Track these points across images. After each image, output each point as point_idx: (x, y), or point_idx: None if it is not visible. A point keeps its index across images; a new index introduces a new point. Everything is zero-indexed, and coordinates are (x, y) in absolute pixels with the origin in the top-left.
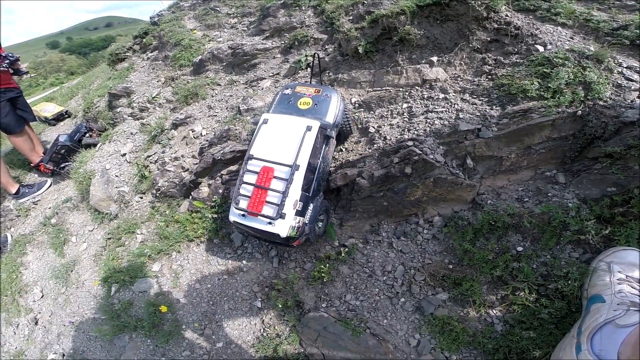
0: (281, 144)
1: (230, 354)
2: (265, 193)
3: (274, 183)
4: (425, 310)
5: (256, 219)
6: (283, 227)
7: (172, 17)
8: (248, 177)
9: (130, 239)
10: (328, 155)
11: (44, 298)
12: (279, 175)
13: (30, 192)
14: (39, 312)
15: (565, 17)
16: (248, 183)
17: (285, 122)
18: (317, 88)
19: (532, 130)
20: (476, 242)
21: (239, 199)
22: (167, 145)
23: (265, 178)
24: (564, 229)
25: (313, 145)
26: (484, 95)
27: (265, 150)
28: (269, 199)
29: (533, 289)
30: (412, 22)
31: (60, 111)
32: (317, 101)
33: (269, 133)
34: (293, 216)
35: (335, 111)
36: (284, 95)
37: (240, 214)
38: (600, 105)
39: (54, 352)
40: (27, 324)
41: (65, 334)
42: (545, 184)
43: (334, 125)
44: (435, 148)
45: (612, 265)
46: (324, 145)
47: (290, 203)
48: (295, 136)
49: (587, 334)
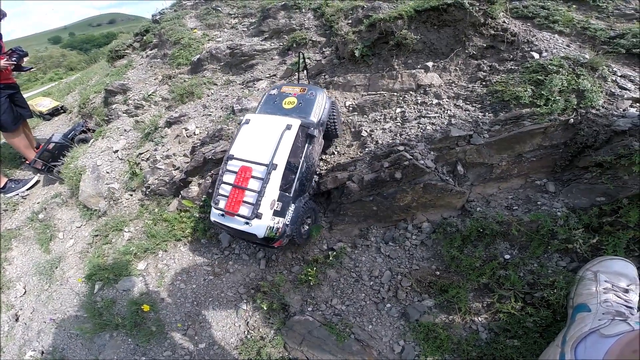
0: (260, 143)
1: (212, 355)
2: (243, 193)
3: (251, 182)
4: (410, 317)
5: (233, 219)
6: (260, 227)
7: (174, 15)
8: (227, 177)
9: (117, 237)
10: (312, 155)
11: (26, 294)
12: (256, 175)
13: (17, 187)
14: (21, 309)
15: (563, 25)
16: (227, 183)
17: (266, 122)
18: (303, 87)
19: (523, 138)
20: (464, 249)
21: (218, 198)
22: (159, 143)
23: (243, 178)
24: (552, 238)
25: (293, 144)
26: (477, 101)
27: (244, 150)
28: (245, 199)
29: (519, 297)
30: (409, 26)
31: (55, 106)
32: (302, 100)
33: (249, 133)
34: (271, 216)
35: (320, 110)
36: (269, 96)
37: (219, 213)
38: (593, 114)
39: (33, 350)
40: (7, 320)
41: (45, 331)
42: (535, 193)
43: (319, 123)
44: (426, 154)
45: (599, 275)
46: (306, 144)
47: (266, 203)
48: (274, 135)
49: (571, 343)
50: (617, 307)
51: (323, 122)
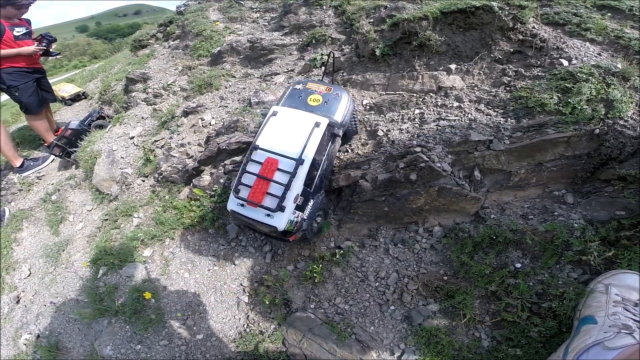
0: (288, 137)
1: (209, 347)
2: (268, 184)
3: (277, 175)
4: (413, 320)
5: (255, 210)
6: (282, 220)
7: (198, 7)
8: (251, 167)
9: (126, 222)
10: (332, 154)
11: (31, 276)
12: (282, 168)
13: (35, 164)
14: (23, 291)
15: (596, 32)
16: (251, 173)
17: (294, 116)
18: (329, 86)
19: (545, 146)
20: (474, 256)
21: (240, 187)
22: (175, 131)
23: (269, 169)
24: (566, 249)
25: (320, 141)
26: (499, 106)
27: (272, 142)
28: (270, 191)
29: (526, 307)
30: (434, 28)
31: (77, 92)
32: (328, 99)
33: (276, 125)
34: (292, 210)
35: (345, 111)
36: (294, 90)
37: (239, 203)
38: (620, 125)
39: (29, 333)
40: (8, 302)
41: (44, 315)
42: (553, 203)
43: (342, 124)
44: (443, 156)
45: (610, 288)
46: (330, 143)
47: (291, 196)
48: (303, 131)
49: (573, 354)
50: (625, 321)
51: (345, 123)
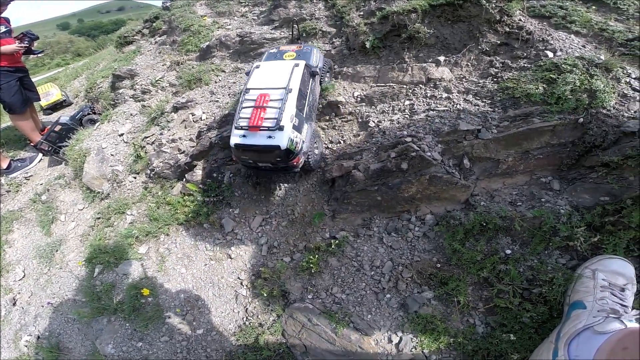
0: (273, 77)
1: (210, 341)
2: (264, 110)
3: (271, 103)
4: (409, 308)
5: (256, 135)
6: (282, 138)
7: (184, 2)
8: (246, 104)
9: (119, 220)
10: (315, 91)
11: (25, 278)
12: (274, 98)
13: (22, 165)
14: (19, 293)
15: (580, 25)
16: (247, 107)
17: (275, 65)
18: (299, 45)
19: (531, 135)
20: (466, 243)
21: (239, 122)
22: (165, 127)
23: (263, 101)
24: (553, 235)
25: (301, 76)
26: (487, 97)
27: (260, 83)
28: (267, 116)
29: (517, 293)
30: (422, 20)
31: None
32: (300, 53)
33: (261, 73)
34: (291, 129)
35: (317, 59)
36: (270, 54)
37: (241, 134)
38: (603, 114)
39: (29, 334)
40: (4, 304)
41: (42, 316)
42: (540, 190)
43: (317, 68)
44: (433, 146)
45: (597, 273)
46: (310, 79)
47: (287, 116)
48: (285, 71)
49: (565, 339)
50: (613, 305)
51: (320, 68)
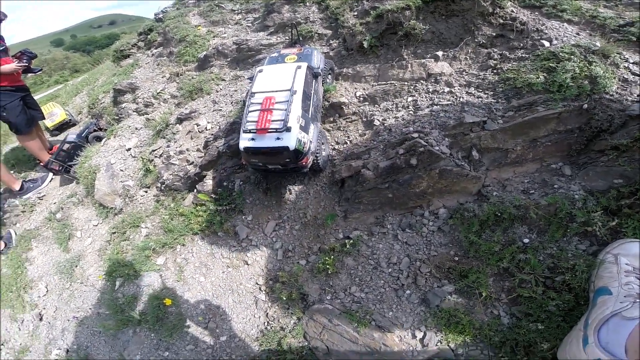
0: (278, 80)
1: (234, 347)
2: (271, 113)
3: (277, 105)
4: (431, 303)
5: (265, 137)
6: (290, 139)
7: (177, 13)
8: (252, 107)
9: (134, 233)
10: (319, 92)
11: (48, 293)
12: (279, 100)
13: (35, 186)
14: (44, 308)
15: (572, 13)
16: (254, 111)
17: (278, 68)
18: (299, 47)
19: (537, 123)
20: (482, 234)
21: (247, 125)
22: (171, 139)
23: (269, 103)
24: (570, 221)
25: (305, 78)
26: (489, 89)
27: (265, 87)
28: (274, 118)
29: (540, 281)
30: (417, 17)
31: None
32: (301, 55)
33: (265, 77)
34: (298, 130)
35: (318, 61)
36: (272, 58)
37: (249, 137)
38: (607, 99)
39: (58, 348)
40: (31, 320)
41: (69, 330)
42: (551, 176)
43: (319, 68)
44: (440, 140)
45: (619, 257)
46: (313, 80)
47: (293, 117)
48: (289, 73)
49: (594, 326)
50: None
51: (322, 69)
